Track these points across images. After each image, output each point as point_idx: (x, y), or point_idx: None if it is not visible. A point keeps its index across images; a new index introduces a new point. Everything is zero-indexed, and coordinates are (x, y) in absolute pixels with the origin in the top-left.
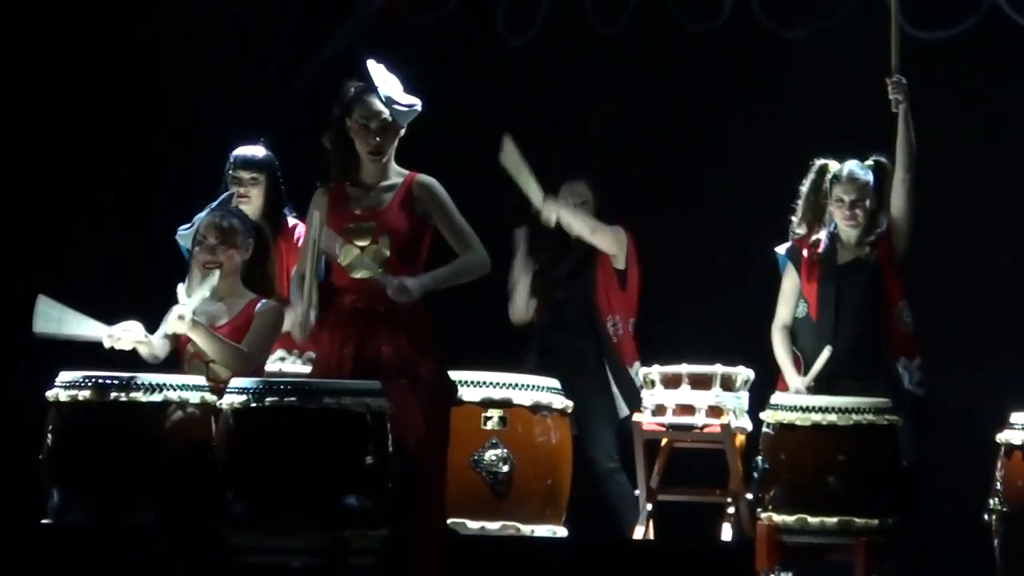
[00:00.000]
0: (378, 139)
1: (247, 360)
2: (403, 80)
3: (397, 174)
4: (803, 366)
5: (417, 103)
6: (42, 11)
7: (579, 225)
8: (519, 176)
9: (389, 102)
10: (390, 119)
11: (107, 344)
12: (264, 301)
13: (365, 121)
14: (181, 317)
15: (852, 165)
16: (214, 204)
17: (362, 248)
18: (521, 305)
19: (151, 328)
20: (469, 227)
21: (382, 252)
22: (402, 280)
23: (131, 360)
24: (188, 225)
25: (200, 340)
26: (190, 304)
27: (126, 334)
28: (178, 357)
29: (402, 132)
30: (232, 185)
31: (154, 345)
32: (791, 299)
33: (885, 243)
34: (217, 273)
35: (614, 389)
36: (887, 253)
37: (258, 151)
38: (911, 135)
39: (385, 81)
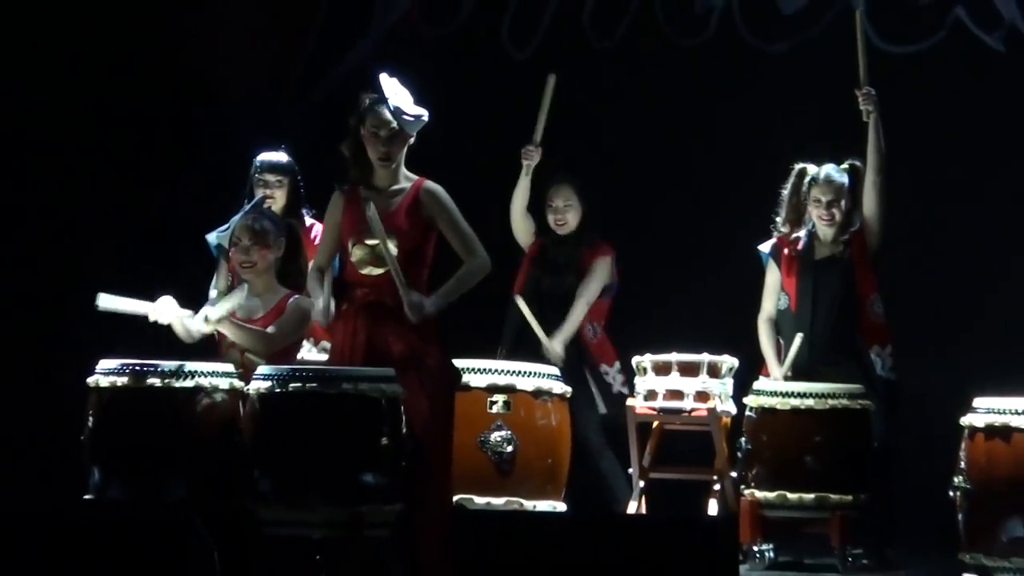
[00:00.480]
0: (387, 146)
1: (270, 342)
2: (413, 90)
3: (407, 179)
4: (783, 354)
5: (424, 113)
6: (79, 21)
7: (580, 312)
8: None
9: (397, 112)
10: (398, 128)
11: (151, 318)
12: (296, 297)
13: (375, 129)
14: (206, 319)
15: (828, 168)
16: (247, 207)
17: (372, 247)
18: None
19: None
20: (471, 231)
21: (389, 251)
22: (422, 299)
23: (172, 349)
24: (224, 227)
25: (226, 331)
26: (215, 311)
27: (165, 309)
28: (218, 346)
29: (411, 140)
30: (258, 187)
31: (188, 326)
32: (774, 293)
33: (858, 240)
34: (244, 289)
35: (593, 389)
36: (860, 249)
37: (281, 156)
38: (881, 142)
39: (395, 93)
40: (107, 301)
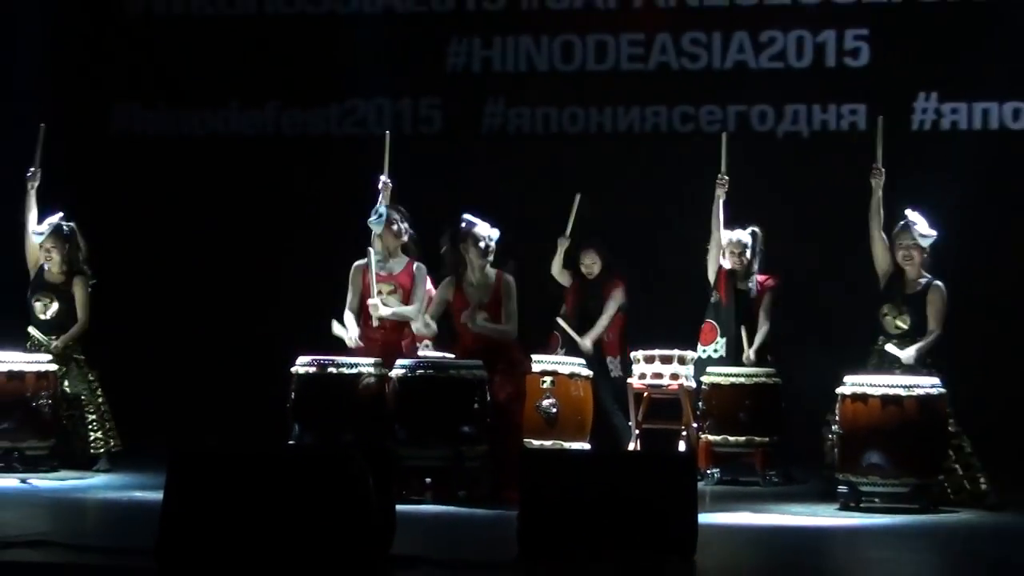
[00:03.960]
0: (481, 258)
1: (415, 313)
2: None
3: (492, 274)
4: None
5: (496, 233)
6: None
7: (602, 325)
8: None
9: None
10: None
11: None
12: (418, 265)
13: (475, 245)
14: (375, 306)
15: (738, 232)
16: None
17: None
18: (558, 267)
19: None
20: (515, 310)
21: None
22: (485, 324)
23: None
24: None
25: (387, 314)
26: (380, 305)
27: (350, 329)
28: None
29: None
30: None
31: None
32: (716, 260)
33: (766, 286)
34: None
35: (608, 373)
36: (763, 291)
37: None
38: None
39: (477, 224)
40: (337, 329)
